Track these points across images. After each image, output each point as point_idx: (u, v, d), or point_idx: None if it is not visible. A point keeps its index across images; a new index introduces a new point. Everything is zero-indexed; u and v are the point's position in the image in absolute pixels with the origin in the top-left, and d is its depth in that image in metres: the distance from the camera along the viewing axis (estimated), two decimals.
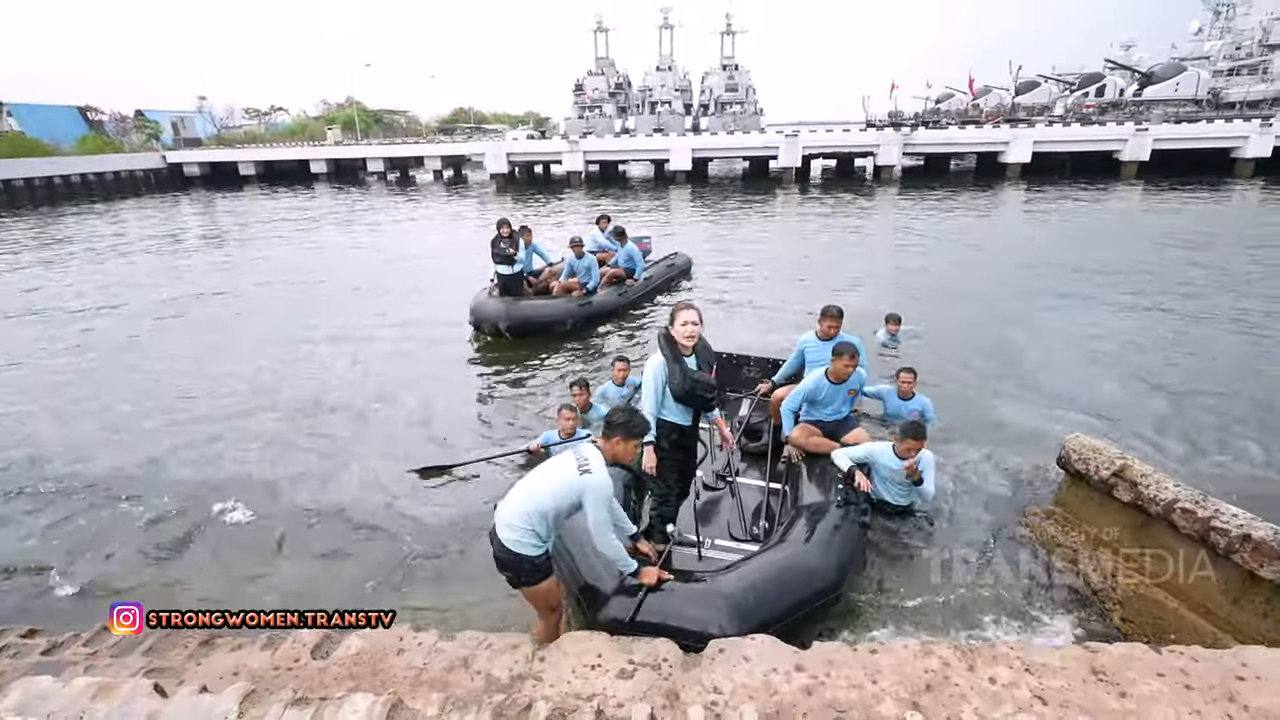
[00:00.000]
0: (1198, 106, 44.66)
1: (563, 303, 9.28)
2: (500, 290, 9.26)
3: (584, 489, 2.84)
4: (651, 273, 11.16)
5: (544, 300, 9.41)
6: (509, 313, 8.91)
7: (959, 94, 65.43)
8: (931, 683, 2.58)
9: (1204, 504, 3.46)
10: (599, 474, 2.85)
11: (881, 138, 34.54)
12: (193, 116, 62.21)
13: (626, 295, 10.08)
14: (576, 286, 9.48)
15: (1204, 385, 7.00)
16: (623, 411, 3.01)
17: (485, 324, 9.02)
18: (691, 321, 3.61)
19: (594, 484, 2.84)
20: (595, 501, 2.85)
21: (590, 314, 9.39)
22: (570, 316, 9.17)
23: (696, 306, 3.67)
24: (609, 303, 9.70)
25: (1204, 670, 2.60)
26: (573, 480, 2.86)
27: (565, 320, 9.13)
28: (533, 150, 38.80)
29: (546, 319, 9.09)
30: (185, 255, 17.92)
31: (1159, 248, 14.68)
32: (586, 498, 2.84)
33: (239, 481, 5.58)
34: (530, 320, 9.01)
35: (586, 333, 9.24)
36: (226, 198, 34.92)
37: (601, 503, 2.86)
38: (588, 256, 9.59)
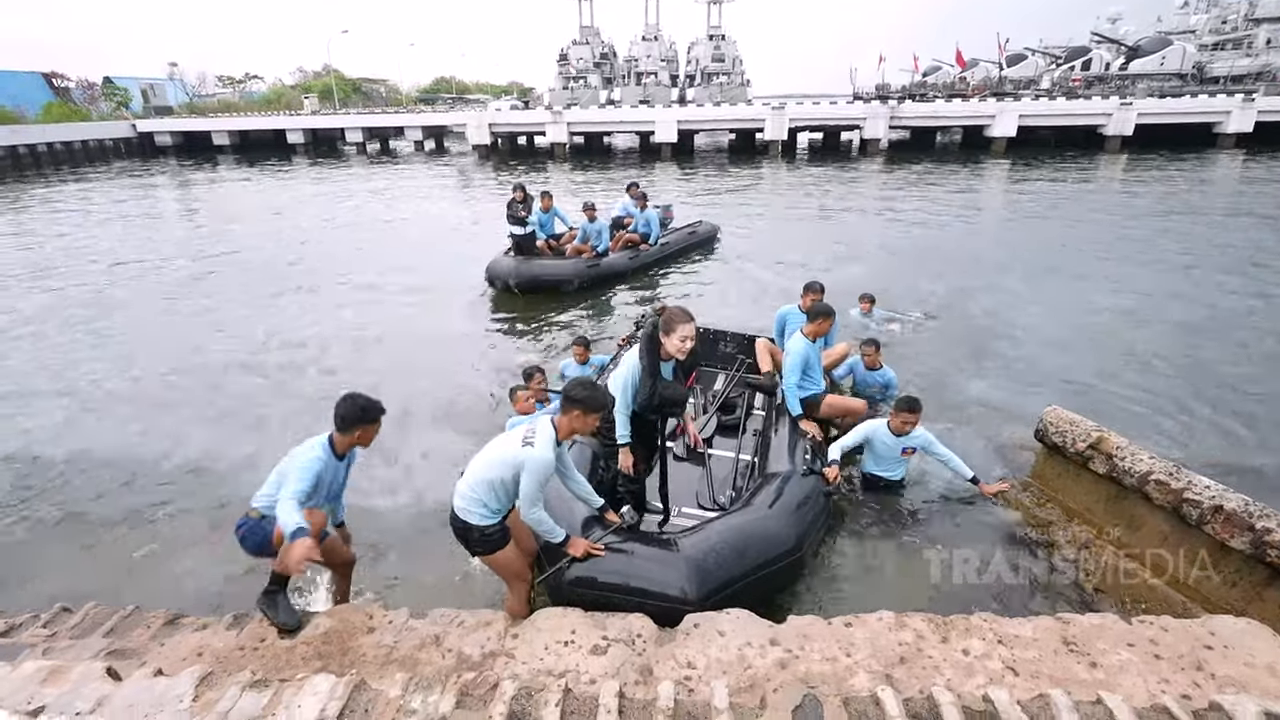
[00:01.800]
0: (1182, 81, 44.65)
1: (571, 263, 9.84)
2: (514, 250, 9.84)
3: (522, 462, 2.81)
4: (670, 239, 11.53)
5: (553, 260, 9.94)
6: (519, 270, 9.57)
7: (946, 66, 64.92)
8: (905, 655, 2.59)
9: (1177, 476, 3.48)
10: (541, 450, 2.81)
11: (868, 111, 34.20)
12: (163, 84, 60.07)
13: (638, 259, 10.58)
14: (587, 249, 9.99)
15: (1186, 358, 7.06)
16: (584, 386, 2.94)
17: (497, 280, 9.76)
18: (690, 337, 3.40)
19: (532, 457, 2.80)
20: (529, 474, 2.81)
21: (599, 275, 9.92)
22: (578, 277, 9.74)
23: (695, 318, 3.48)
24: (619, 265, 10.24)
25: (1173, 640, 2.63)
26: (515, 452, 2.84)
27: (573, 280, 9.72)
28: (515, 121, 37.99)
29: (554, 278, 9.72)
30: (193, 225, 17.44)
31: (1141, 222, 14.74)
32: (523, 470, 2.81)
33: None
34: (538, 279, 9.63)
35: (595, 293, 9.78)
36: (210, 168, 33.95)
37: (535, 477, 2.82)
38: (599, 221, 10.08)
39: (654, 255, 10.93)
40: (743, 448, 4.92)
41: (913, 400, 4.32)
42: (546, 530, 3.01)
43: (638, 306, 9.27)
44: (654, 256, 10.94)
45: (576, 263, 9.87)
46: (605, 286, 10.01)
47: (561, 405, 2.94)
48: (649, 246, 10.79)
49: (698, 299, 9.58)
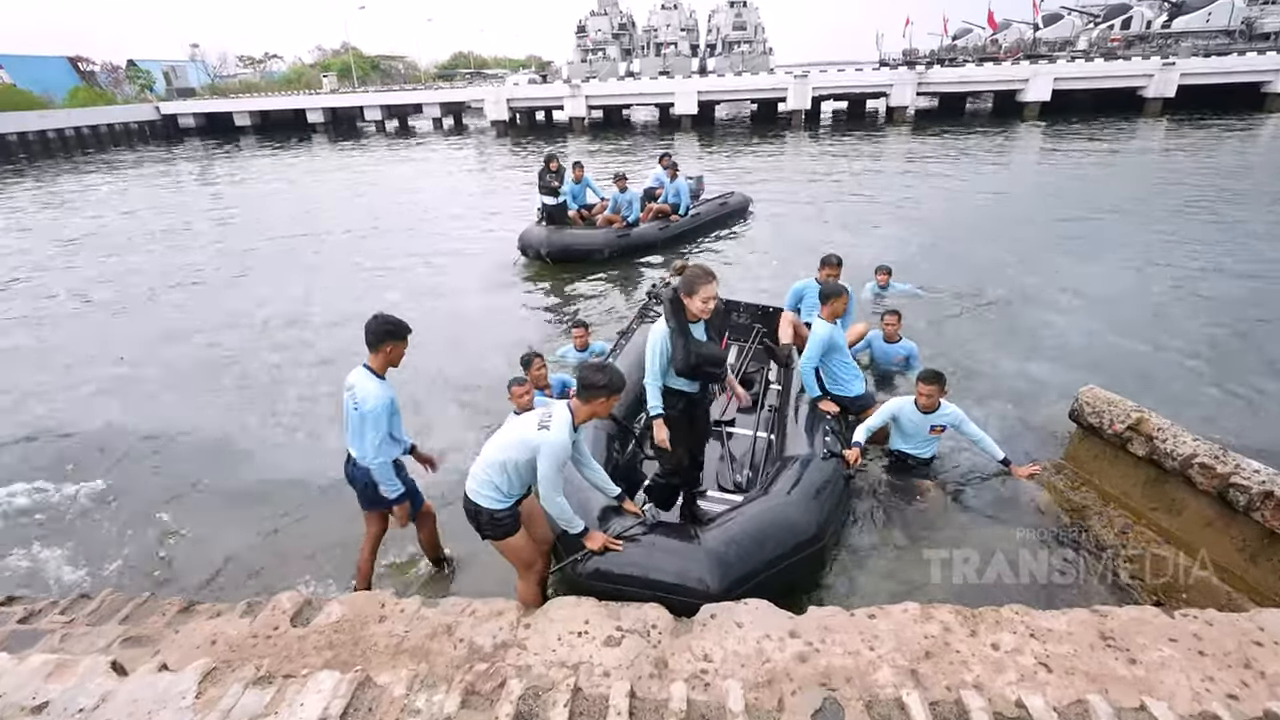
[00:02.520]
0: (1230, 38, 42.41)
1: (602, 233, 9.99)
2: (545, 219, 9.92)
3: (539, 445, 2.76)
4: (701, 210, 11.49)
5: (584, 230, 10.09)
6: (550, 239, 9.73)
7: (977, 29, 62.54)
8: (931, 649, 2.48)
9: (1224, 459, 3.29)
10: (558, 433, 2.76)
11: (894, 77, 33.14)
12: (185, 66, 60.49)
13: (668, 230, 10.58)
14: (618, 219, 10.13)
15: (1233, 336, 6.71)
16: (600, 370, 2.85)
17: (529, 249, 9.93)
18: (714, 296, 3.23)
19: (548, 441, 2.75)
20: (546, 459, 2.75)
21: (629, 245, 10.03)
22: (608, 246, 9.88)
23: (717, 276, 3.29)
24: (649, 235, 10.28)
25: (1218, 635, 2.48)
26: (530, 436, 2.79)
27: (603, 249, 9.87)
28: (533, 96, 37.56)
29: (584, 247, 9.88)
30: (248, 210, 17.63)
31: (1184, 190, 14.09)
32: (540, 454, 2.75)
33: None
34: (569, 247, 9.82)
35: (625, 262, 9.91)
36: (241, 149, 34.21)
37: (553, 461, 2.76)
38: (630, 191, 10.18)
39: (685, 226, 10.90)
40: (761, 424, 4.80)
41: (936, 372, 4.15)
42: (566, 519, 2.96)
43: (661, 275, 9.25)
44: (685, 227, 10.91)
45: (607, 232, 9.99)
46: (635, 256, 10.08)
47: (580, 392, 2.87)
48: (679, 217, 10.77)
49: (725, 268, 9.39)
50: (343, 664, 2.56)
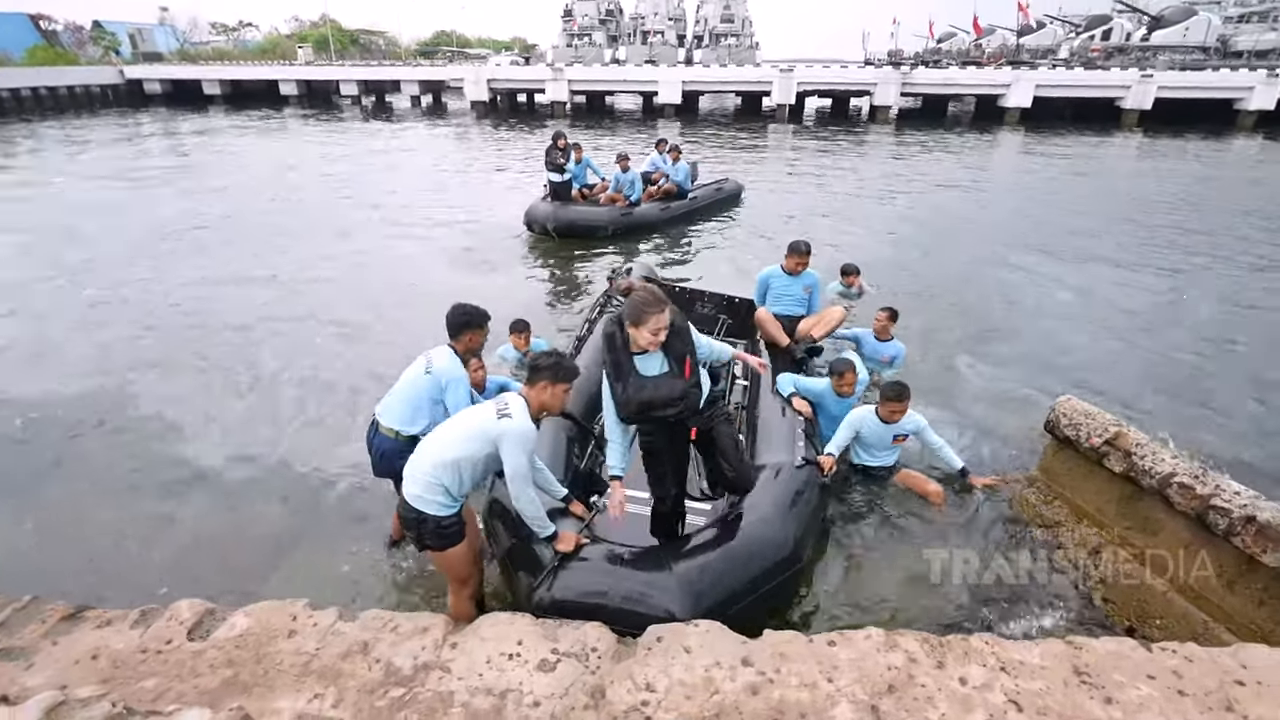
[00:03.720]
0: (1205, 54, 43.25)
1: (606, 210, 10.38)
2: (550, 195, 10.35)
3: (501, 435, 2.52)
4: (698, 194, 11.99)
5: (588, 207, 10.50)
6: (556, 215, 10.11)
7: (962, 33, 63.02)
8: (895, 682, 2.27)
9: (1204, 479, 3.14)
10: (521, 418, 2.54)
11: (879, 76, 33.14)
12: (153, 29, 58.19)
13: (669, 211, 11.02)
14: (620, 198, 10.47)
15: (1216, 350, 6.65)
16: (549, 354, 2.68)
17: (535, 224, 10.29)
18: (664, 328, 2.70)
19: (514, 429, 2.52)
20: (513, 448, 2.52)
21: (631, 224, 10.41)
22: (611, 223, 10.24)
23: (665, 301, 2.74)
24: (650, 215, 10.71)
25: (1199, 673, 2.31)
26: (490, 426, 2.55)
27: (606, 226, 10.22)
28: (515, 78, 36.81)
29: (588, 223, 10.27)
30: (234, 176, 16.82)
31: (1160, 202, 14.20)
32: (504, 444, 2.52)
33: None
34: (574, 223, 10.20)
35: (627, 240, 10.27)
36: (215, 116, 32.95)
37: (521, 449, 2.54)
38: (632, 171, 10.51)
39: (683, 208, 11.35)
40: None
41: (900, 387, 3.98)
42: (537, 519, 2.71)
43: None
44: (683, 209, 11.34)
45: (610, 210, 10.37)
46: (636, 235, 10.45)
47: (529, 377, 2.66)
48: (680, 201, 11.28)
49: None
50: (241, 686, 2.27)
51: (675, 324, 2.78)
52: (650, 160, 11.62)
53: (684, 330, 2.84)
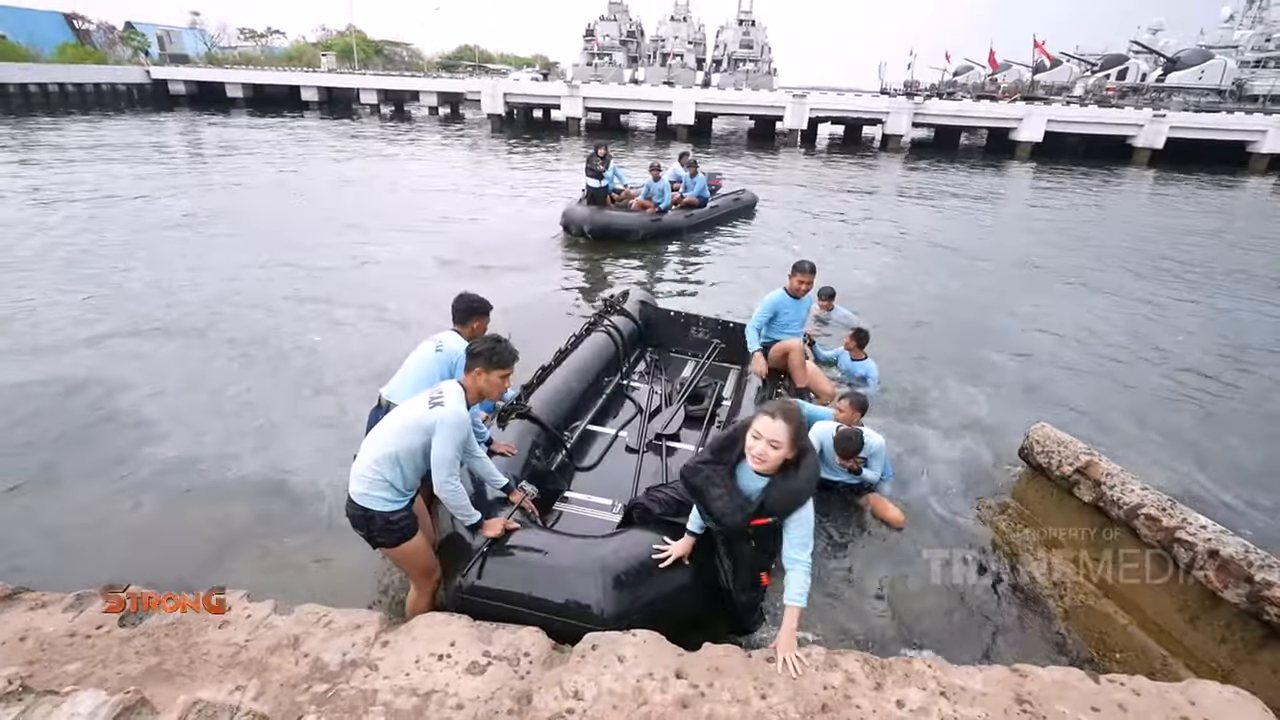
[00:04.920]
0: (1220, 97, 43.37)
1: (637, 216, 11.09)
2: (587, 199, 11.20)
3: (435, 423, 2.50)
4: (718, 203, 12.90)
5: (622, 212, 11.20)
6: (592, 218, 10.95)
7: (978, 67, 63.53)
8: (829, 702, 2.21)
9: (1171, 512, 3.08)
10: (454, 406, 2.53)
11: (891, 105, 33.32)
12: (180, 32, 59.42)
13: (693, 219, 11.92)
14: (650, 205, 11.24)
15: (1200, 386, 6.56)
16: (486, 340, 2.67)
17: (573, 226, 11.11)
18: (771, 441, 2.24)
19: (445, 417, 2.50)
20: (443, 436, 2.50)
21: (660, 229, 11.23)
22: (642, 228, 11.01)
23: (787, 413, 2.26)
24: (677, 222, 11.56)
25: (1145, 707, 2.24)
26: (423, 415, 2.53)
27: (638, 230, 10.99)
28: (531, 93, 37.27)
29: (622, 227, 10.98)
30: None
31: (1161, 240, 14.14)
32: (437, 432, 2.50)
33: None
34: (609, 227, 10.95)
35: (655, 244, 11.10)
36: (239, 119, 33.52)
37: (451, 437, 2.51)
38: (663, 180, 11.45)
39: (705, 216, 12.27)
40: (706, 441, 4.54)
41: (859, 398, 4.10)
42: (462, 508, 2.68)
43: (691, 258, 10.73)
44: (705, 217, 12.27)
45: (641, 216, 11.08)
46: (664, 240, 11.29)
47: (466, 364, 2.67)
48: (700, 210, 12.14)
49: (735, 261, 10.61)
50: (164, 674, 2.24)
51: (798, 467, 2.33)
52: (672, 171, 12.49)
53: (797, 490, 2.34)
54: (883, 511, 3.95)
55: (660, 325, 6.10)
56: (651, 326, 6.06)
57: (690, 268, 10.29)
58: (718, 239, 12.05)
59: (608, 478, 4.03)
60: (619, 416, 4.84)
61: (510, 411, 3.84)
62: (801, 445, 2.29)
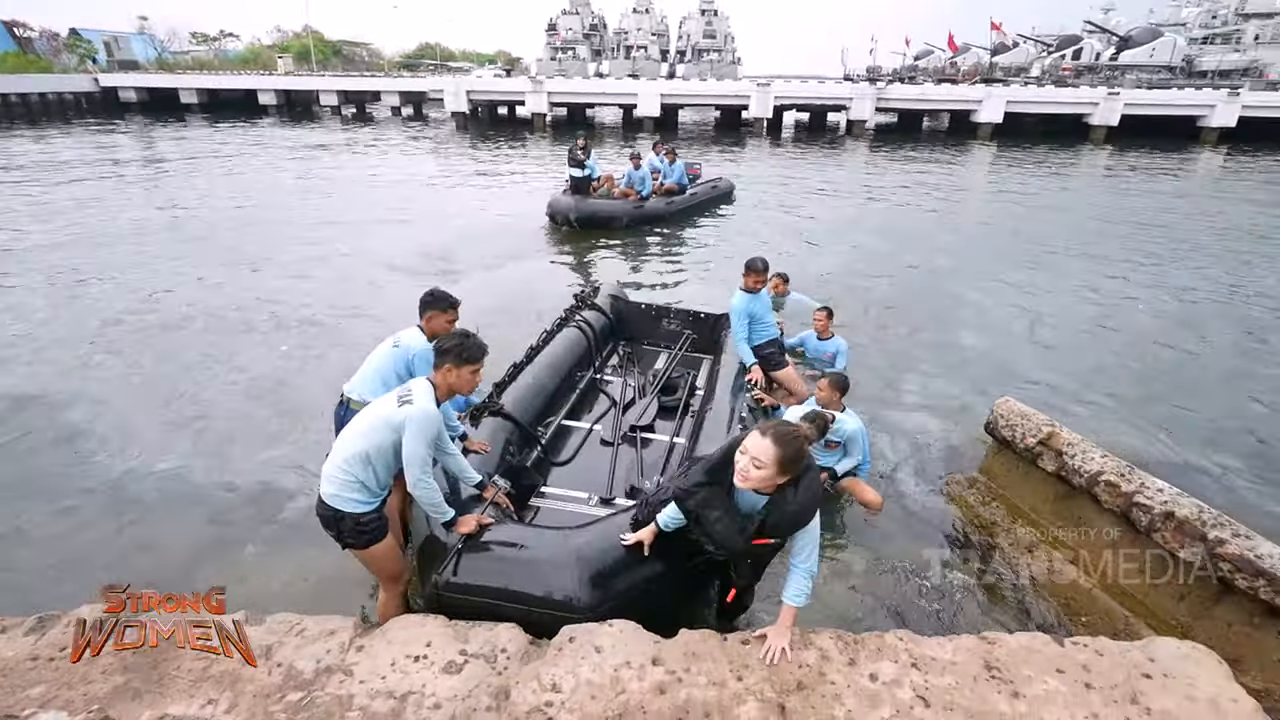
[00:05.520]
0: (1171, 73, 44.51)
1: (621, 204, 11.52)
2: (571, 189, 11.52)
3: (404, 421, 2.48)
4: (698, 190, 13.37)
5: (606, 200, 11.59)
6: (578, 207, 11.24)
7: (938, 50, 64.37)
8: (804, 680, 2.25)
9: (1129, 477, 3.17)
10: (423, 403, 2.51)
11: (855, 91, 33.65)
12: (128, 37, 57.52)
13: (674, 205, 12.32)
14: (632, 193, 11.63)
15: (1157, 355, 6.77)
16: (454, 335, 2.65)
17: (559, 215, 11.38)
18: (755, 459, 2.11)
19: (414, 414, 2.48)
20: (413, 434, 2.47)
21: (643, 216, 11.63)
22: (626, 215, 11.42)
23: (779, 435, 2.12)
24: (658, 209, 11.96)
25: (1107, 666, 2.31)
26: (392, 413, 2.51)
27: (622, 218, 11.39)
28: (495, 89, 36.89)
29: (607, 215, 11.38)
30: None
31: (1117, 214, 14.50)
32: (406, 430, 2.48)
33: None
34: (594, 215, 11.31)
35: (638, 231, 11.49)
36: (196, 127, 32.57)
37: (422, 434, 2.49)
38: (644, 168, 11.80)
39: (685, 202, 12.66)
40: (680, 430, 4.57)
41: (842, 378, 4.06)
42: (435, 505, 2.65)
43: (674, 247, 11.04)
44: (685, 204, 12.66)
45: (624, 204, 11.49)
46: (646, 226, 11.65)
47: (435, 360, 2.64)
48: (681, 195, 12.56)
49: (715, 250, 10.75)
50: (132, 692, 2.19)
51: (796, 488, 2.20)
52: (649, 162, 12.58)
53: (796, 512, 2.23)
54: (860, 494, 4.00)
55: (632, 318, 6.12)
56: (623, 320, 6.07)
57: (673, 255, 10.56)
58: (698, 226, 12.45)
59: (584, 471, 4.04)
60: (593, 410, 4.85)
61: (484, 409, 3.82)
62: (796, 471, 2.16)
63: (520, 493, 3.65)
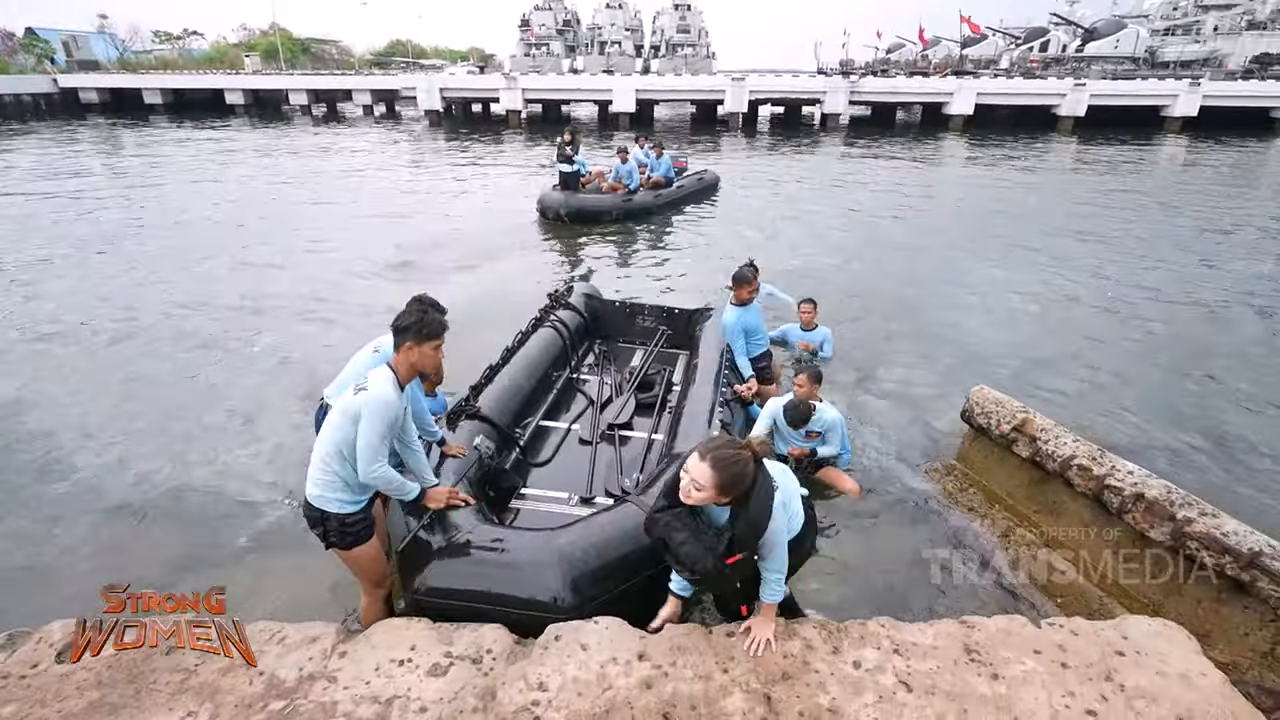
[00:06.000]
0: (1135, 64, 45.45)
1: (609, 197, 11.75)
2: (561, 185, 11.68)
3: (359, 407, 2.43)
4: (684, 183, 13.61)
5: (595, 194, 11.85)
6: (567, 202, 11.50)
7: (909, 44, 65.03)
8: (789, 670, 2.27)
9: (1100, 461, 3.25)
10: (378, 388, 2.46)
11: (828, 85, 33.89)
12: (88, 36, 55.93)
13: (661, 198, 12.55)
14: (620, 187, 11.87)
15: (1129, 340, 6.90)
16: (411, 311, 2.58)
17: (549, 210, 11.64)
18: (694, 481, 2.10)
19: (369, 399, 2.42)
20: (367, 419, 2.42)
21: (631, 209, 11.82)
22: (615, 208, 11.62)
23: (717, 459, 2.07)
24: (646, 202, 12.18)
25: (1083, 645, 2.37)
26: (350, 403, 2.47)
27: (611, 211, 11.59)
28: (468, 87, 36.53)
29: (596, 209, 11.61)
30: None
31: (1086, 202, 14.78)
32: (361, 417, 2.43)
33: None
34: (584, 209, 11.55)
35: (627, 224, 11.66)
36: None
37: (373, 423, 2.42)
38: (631, 162, 12.06)
39: (672, 195, 12.89)
40: (658, 427, 4.58)
41: (812, 369, 4.14)
42: (396, 486, 2.58)
43: (666, 236, 11.35)
44: (672, 196, 12.89)
45: (613, 197, 11.71)
46: (635, 219, 11.83)
47: (394, 340, 2.59)
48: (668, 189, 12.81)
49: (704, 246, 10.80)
50: (109, 708, 2.15)
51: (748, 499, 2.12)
52: (632, 157, 12.73)
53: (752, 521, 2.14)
54: (839, 483, 4.05)
55: (606, 316, 6.10)
56: (598, 318, 6.05)
57: (660, 247, 10.75)
58: (685, 217, 12.72)
59: (563, 472, 4.03)
60: (571, 410, 4.83)
61: (460, 412, 3.79)
62: (737, 493, 2.11)
63: (500, 496, 3.64)
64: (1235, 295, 8.26)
